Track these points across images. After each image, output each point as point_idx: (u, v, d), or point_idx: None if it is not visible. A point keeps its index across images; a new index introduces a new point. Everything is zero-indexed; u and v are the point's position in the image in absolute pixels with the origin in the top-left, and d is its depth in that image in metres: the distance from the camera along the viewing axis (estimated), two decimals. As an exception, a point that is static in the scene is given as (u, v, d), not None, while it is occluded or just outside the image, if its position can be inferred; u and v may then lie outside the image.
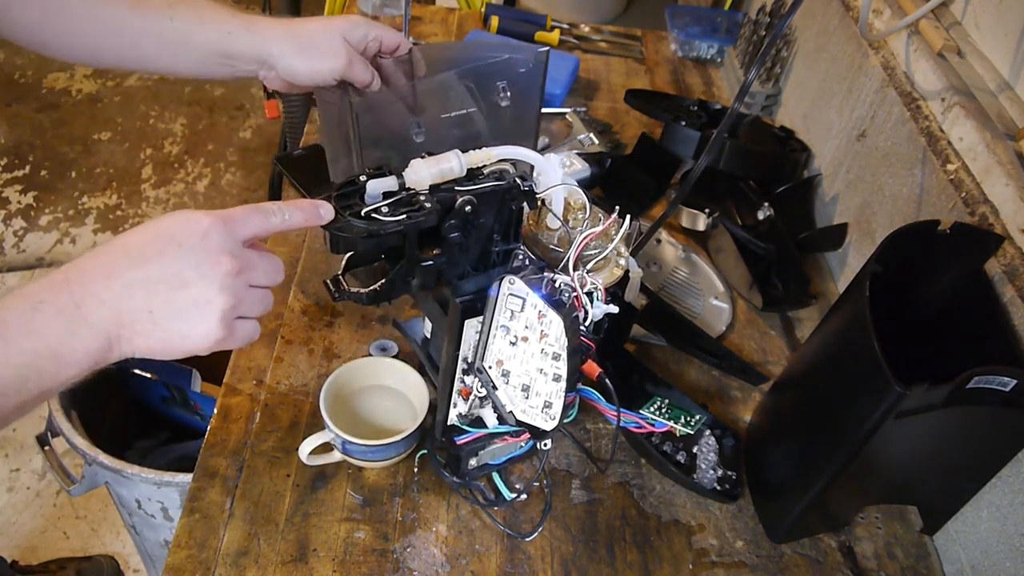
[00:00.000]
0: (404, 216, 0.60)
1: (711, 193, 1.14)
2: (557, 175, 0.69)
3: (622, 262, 0.75)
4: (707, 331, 0.97)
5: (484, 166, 0.66)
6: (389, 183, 0.62)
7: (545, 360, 0.65)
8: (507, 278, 0.63)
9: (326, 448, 0.77)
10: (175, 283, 0.52)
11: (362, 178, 0.62)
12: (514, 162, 0.68)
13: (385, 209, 0.61)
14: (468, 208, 0.64)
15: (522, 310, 0.64)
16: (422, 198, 0.62)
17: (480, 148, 0.66)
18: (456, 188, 0.64)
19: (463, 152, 0.65)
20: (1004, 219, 0.76)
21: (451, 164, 0.63)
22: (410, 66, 0.83)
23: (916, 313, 0.77)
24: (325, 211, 0.59)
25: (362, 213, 0.60)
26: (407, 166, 0.63)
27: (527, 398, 0.68)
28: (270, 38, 0.74)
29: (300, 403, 0.84)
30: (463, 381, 0.71)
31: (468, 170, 0.65)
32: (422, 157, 0.64)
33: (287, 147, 1.67)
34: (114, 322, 0.51)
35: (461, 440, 0.73)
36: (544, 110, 1.31)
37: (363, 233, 0.60)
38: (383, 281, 0.68)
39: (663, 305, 0.98)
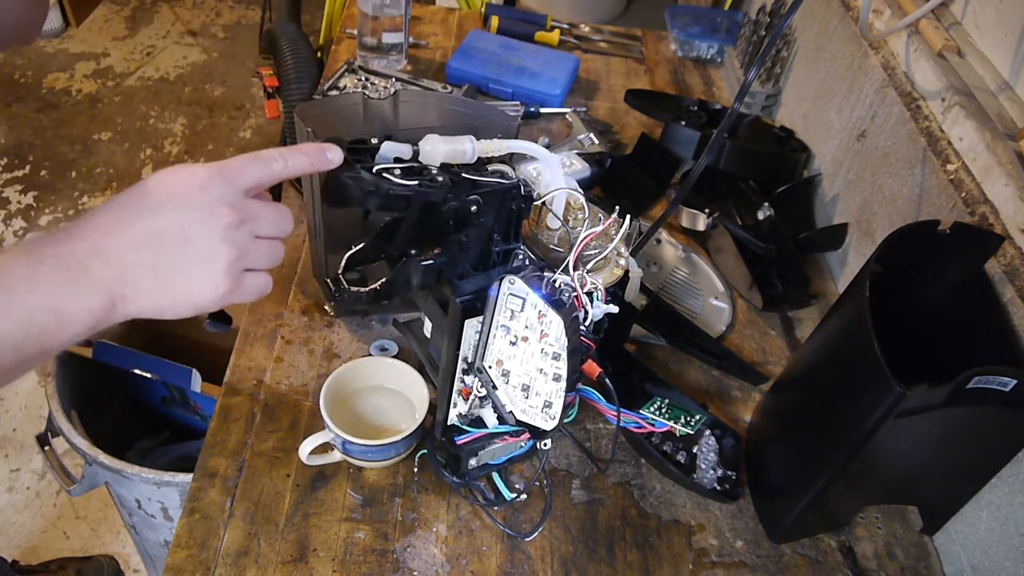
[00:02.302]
0: (416, 183, 0.60)
1: (711, 193, 1.14)
2: (560, 173, 0.70)
3: (622, 262, 0.75)
4: (707, 331, 0.97)
5: (489, 162, 0.66)
6: (403, 149, 0.61)
7: (545, 360, 0.65)
8: (507, 278, 0.63)
9: (326, 448, 0.77)
10: (177, 238, 0.50)
11: (374, 140, 0.61)
12: (511, 163, 0.68)
13: (397, 172, 0.60)
14: (474, 208, 0.64)
15: (522, 310, 0.64)
16: (433, 172, 0.62)
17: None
18: (463, 174, 0.64)
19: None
20: (1004, 219, 0.76)
21: (464, 147, 0.64)
22: (395, 107, 0.84)
23: (916, 313, 0.77)
24: (333, 155, 0.56)
25: (373, 171, 0.59)
26: (422, 138, 0.63)
27: (527, 398, 0.68)
28: None
29: (300, 403, 0.84)
30: (463, 381, 0.71)
31: (477, 159, 0.65)
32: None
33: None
34: (118, 280, 0.50)
35: (461, 440, 0.73)
36: (544, 110, 1.32)
37: (371, 187, 0.58)
38: (383, 281, 0.68)
39: (663, 305, 0.98)
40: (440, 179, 0.61)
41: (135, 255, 0.50)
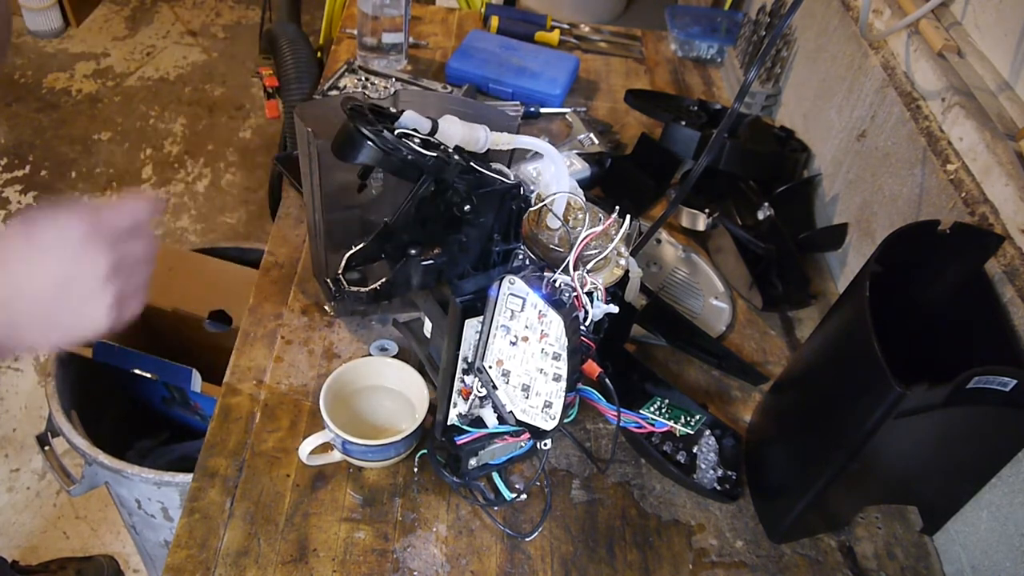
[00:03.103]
0: (434, 155, 0.60)
1: (711, 193, 1.14)
2: (565, 172, 0.70)
3: (622, 262, 0.75)
4: (707, 331, 0.97)
5: (492, 160, 0.67)
6: (423, 123, 0.62)
7: (545, 360, 0.65)
8: (507, 278, 0.63)
9: (326, 448, 0.77)
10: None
11: (393, 110, 0.61)
12: (510, 163, 0.68)
13: (417, 140, 0.61)
14: (467, 208, 0.64)
15: (522, 310, 0.64)
16: (449, 150, 0.62)
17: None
18: (471, 163, 0.64)
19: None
20: (1004, 219, 0.76)
21: (479, 134, 0.65)
22: (395, 107, 0.84)
23: (916, 313, 0.77)
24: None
25: (395, 134, 0.60)
26: (440, 118, 0.64)
27: (527, 398, 0.68)
28: None
29: (300, 403, 0.84)
30: (463, 381, 0.71)
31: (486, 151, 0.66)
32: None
33: (287, 147, 1.67)
34: None
35: (461, 440, 0.73)
36: (544, 110, 1.32)
37: (389, 145, 0.58)
38: (383, 281, 0.68)
39: (663, 305, 0.98)
40: (456, 157, 0.61)
41: None
